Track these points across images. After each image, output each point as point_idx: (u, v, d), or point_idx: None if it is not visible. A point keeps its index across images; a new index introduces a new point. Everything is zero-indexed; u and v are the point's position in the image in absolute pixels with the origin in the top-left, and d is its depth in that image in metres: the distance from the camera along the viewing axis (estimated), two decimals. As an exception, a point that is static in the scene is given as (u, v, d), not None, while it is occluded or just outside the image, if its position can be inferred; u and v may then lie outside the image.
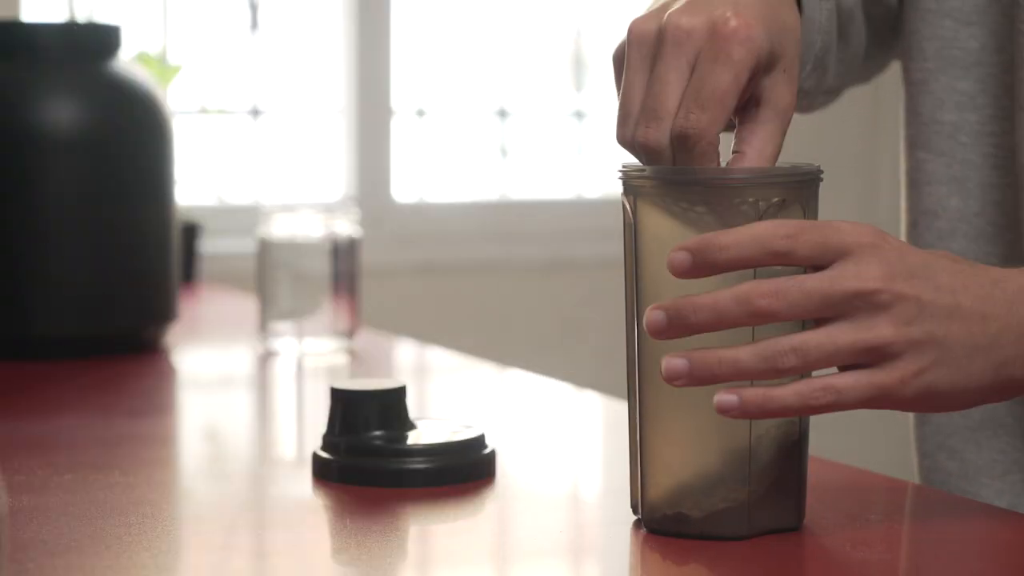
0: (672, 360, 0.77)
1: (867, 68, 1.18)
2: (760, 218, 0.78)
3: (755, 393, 0.77)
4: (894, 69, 1.20)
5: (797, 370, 0.76)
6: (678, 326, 0.77)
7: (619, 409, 1.18)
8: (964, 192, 1.07)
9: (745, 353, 0.76)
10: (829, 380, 0.77)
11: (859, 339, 0.77)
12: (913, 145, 1.10)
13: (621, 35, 0.86)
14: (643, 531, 0.82)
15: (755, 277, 0.77)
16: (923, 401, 0.79)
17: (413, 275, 2.92)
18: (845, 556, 0.79)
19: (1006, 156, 1.05)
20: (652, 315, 0.77)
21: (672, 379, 0.77)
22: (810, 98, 1.13)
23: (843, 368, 0.78)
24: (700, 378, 0.77)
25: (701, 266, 0.77)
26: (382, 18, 2.90)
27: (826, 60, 1.07)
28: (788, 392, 0.77)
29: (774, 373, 0.76)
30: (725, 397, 0.77)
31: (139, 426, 1.13)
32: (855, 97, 1.53)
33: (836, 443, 2.11)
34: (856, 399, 0.77)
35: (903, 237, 1.11)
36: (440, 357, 1.49)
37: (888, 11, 1.14)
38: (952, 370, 0.79)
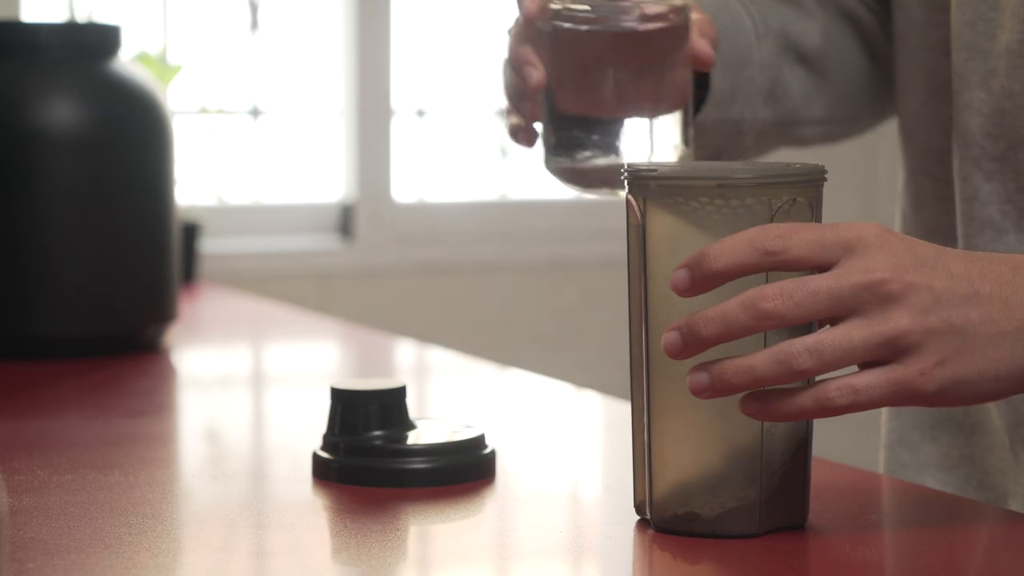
0: (695, 375, 0.77)
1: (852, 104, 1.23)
2: (772, 217, 0.78)
3: (775, 397, 0.77)
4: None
5: (814, 371, 0.76)
6: (692, 343, 0.76)
7: (619, 409, 1.18)
8: (951, 211, 1.09)
9: (760, 359, 0.76)
10: (847, 380, 0.76)
11: (874, 332, 0.75)
12: (912, 170, 1.12)
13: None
14: (644, 530, 0.82)
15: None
16: (948, 394, 0.77)
17: (413, 275, 2.92)
18: (845, 556, 0.79)
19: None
20: (668, 337, 0.77)
21: (698, 393, 0.77)
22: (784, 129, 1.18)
23: (863, 366, 0.77)
24: (721, 389, 0.76)
25: (700, 279, 0.76)
26: (382, 18, 2.90)
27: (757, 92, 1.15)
28: (805, 396, 0.76)
29: (791, 376, 0.75)
30: (748, 401, 0.77)
31: (139, 426, 1.13)
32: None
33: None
34: (876, 397, 0.76)
35: None
36: (440, 357, 1.49)
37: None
38: (976, 359, 0.77)
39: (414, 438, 0.94)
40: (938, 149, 1.10)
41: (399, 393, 0.95)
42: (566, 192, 1.06)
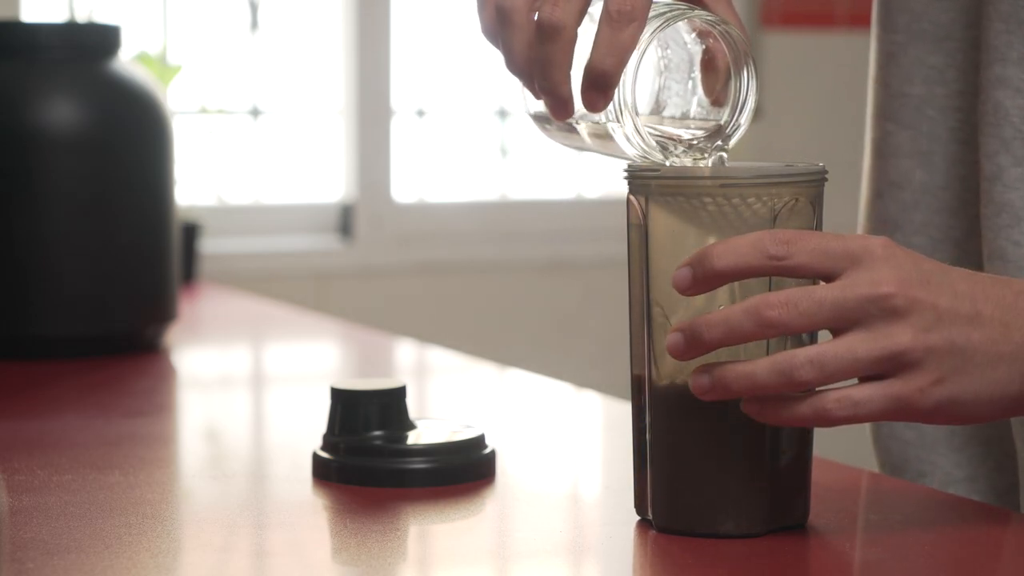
0: (698, 377, 0.77)
1: None
2: (775, 217, 0.78)
3: (775, 402, 0.77)
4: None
5: (815, 383, 0.76)
6: (695, 345, 0.76)
7: (619, 409, 1.18)
8: (929, 165, 1.05)
9: (761, 367, 0.76)
10: (846, 392, 0.76)
11: (876, 347, 0.75)
12: (880, 116, 1.08)
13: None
14: (644, 530, 0.82)
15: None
16: (944, 412, 0.77)
17: (413, 275, 2.92)
18: (845, 556, 0.79)
19: (972, 131, 1.03)
20: (671, 338, 0.77)
21: (700, 394, 0.77)
22: None
23: (863, 379, 0.77)
24: (722, 393, 0.77)
25: (702, 278, 0.76)
26: (382, 18, 2.90)
27: None
28: (804, 405, 0.76)
29: (791, 386, 0.76)
30: (750, 401, 0.77)
31: (139, 426, 1.13)
32: (850, 96, 1.53)
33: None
34: (874, 411, 0.76)
35: (864, 209, 1.10)
36: (440, 357, 1.49)
37: None
38: (974, 379, 0.77)
39: (414, 438, 0.94)
40: (916, 97, 1.06)
41: (399, 393, 0.95)
42: (566, 192, 1.06)
